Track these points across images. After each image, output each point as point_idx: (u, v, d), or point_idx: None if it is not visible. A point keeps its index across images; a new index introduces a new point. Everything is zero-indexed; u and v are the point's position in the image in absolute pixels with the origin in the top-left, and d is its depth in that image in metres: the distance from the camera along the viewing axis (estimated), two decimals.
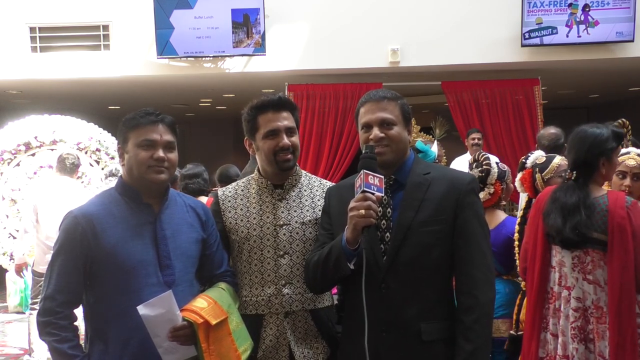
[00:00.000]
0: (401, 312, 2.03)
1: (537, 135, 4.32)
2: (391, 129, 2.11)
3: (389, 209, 2.10)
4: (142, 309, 2.02)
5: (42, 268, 4.97)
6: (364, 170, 1.95)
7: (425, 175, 2.12)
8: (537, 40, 7.23)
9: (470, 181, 2.14)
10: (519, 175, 3.32)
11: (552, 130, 4.37)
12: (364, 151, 2.05)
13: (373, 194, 1.93)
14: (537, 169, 3.24)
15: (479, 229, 2.08)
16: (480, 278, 2.03)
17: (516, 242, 3.11)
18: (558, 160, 3.24)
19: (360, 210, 1.91)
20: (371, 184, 1.94)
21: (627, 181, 3.13)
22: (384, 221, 2.09)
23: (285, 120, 2.35)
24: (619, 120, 3.47)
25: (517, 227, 3.15)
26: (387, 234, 2.08)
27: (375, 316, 2.00)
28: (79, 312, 2.17)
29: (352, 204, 1.96)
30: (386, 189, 2.09)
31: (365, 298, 1.94)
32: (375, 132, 2.09)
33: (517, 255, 3.09)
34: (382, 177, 1.98)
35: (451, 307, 2.07)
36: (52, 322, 2.08)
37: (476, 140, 7.44)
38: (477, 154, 3.45)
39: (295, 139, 2.37)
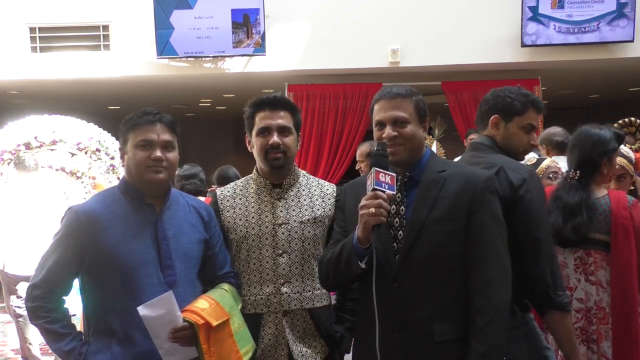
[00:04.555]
0: (413, 312, 1.98)
1: (544, 134, 4.23)
2: (404, 127, 2.06)
3: (402, 207, 2.06)
4: (142, 310, 2.01)
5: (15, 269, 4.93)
6: (375, 168, 1.92)
7: (441, 172, 2.07)
8: (537, 40, 7.24)
9: (487, 179, 2.07)
10: None
11: (556, 129, 4.33)
12: (375, 148, 2.01)
13: (384, 191, 1.90)
14: None
15: (495, 228, 2.02)
16: (495, 278, 1.97)
17: None
18: (548, 162, 3.29)
19: (371, 209, 1.88)
20: (382, 181, 1.90)
21: (612, 184, 3.13)
22: (397, 219, 2.05)
23: (281, 119, 2.35)
24: (625, 119, 3.46)
25: None
26: (400, 232, 2.04)
27: (387, 315, 1.97)
28: (80, 313, 2.16)
29: (362, 202, 1.93)
30: (401, 187, 2.06)
31: (377, 297, 1.91)
32: (388, 130, 2.06)
33: None
34: (394, 174, 1.95)
35: (466, 308, 2.00)
36: (42, 306, 2.10)
37: None
38: None
39: (289, 139, 2.36)
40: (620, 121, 4.34)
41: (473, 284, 1.99)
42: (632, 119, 3.53)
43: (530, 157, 3.36)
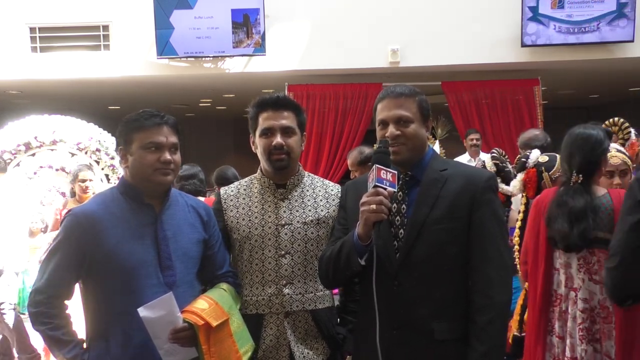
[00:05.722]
0: (413, 310, 1.99)
1: (524, 138, 4.24)
2: (407, 127, 2.06)
3: (403, 206, 2.06)
4: (142, 311, 2.01)
5: None
6: (376, 165, 1.92)
7: (442, 171, 2.07)
8: (537, 40, 7.24)
9: (488, 178, 2.07)
10: (520, 176, 3.29)
11: (534, 132, 4.32)
12: (377, 146, 2.02)
13: (385, 189, 1.90)
14: (542, 168, 3.23)
15: (496, 227, 2.02)
16: (495, 278, 1.97)
17: (516, 247, 3.09)
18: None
19: (372, 205, 1.88)
20: (383, 179, 1.91)
21: (617, 179, 3.12)
22: (398, 217, 2.05)
23: (284, 119, 2.34)
24: (610, 120, 3.48)
25: (517, 230, 3.13)
26: (401, 230, 2.04)
27: (387, 313, 1.96)
28: (80, 313, 2.16)
29: (363, 198, 1.93)
30: (402, 185, 2.07)
31: (377, 295, 1.90)
32: (391, 130, 2.05)
33: (516, 259, 3.08)
34: (395, 172, 1.95)
35: (466, 307, 2.00)
36: (44, 312, 2.09)
37: (474, 141, 7.45)
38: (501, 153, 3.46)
39: (292, 140, 2.35)
40: (606, 122, 4.39)
41: (474, 283, 1.99)
42: (616, 119, 3.57)
43: (540, 155, 3.32)
